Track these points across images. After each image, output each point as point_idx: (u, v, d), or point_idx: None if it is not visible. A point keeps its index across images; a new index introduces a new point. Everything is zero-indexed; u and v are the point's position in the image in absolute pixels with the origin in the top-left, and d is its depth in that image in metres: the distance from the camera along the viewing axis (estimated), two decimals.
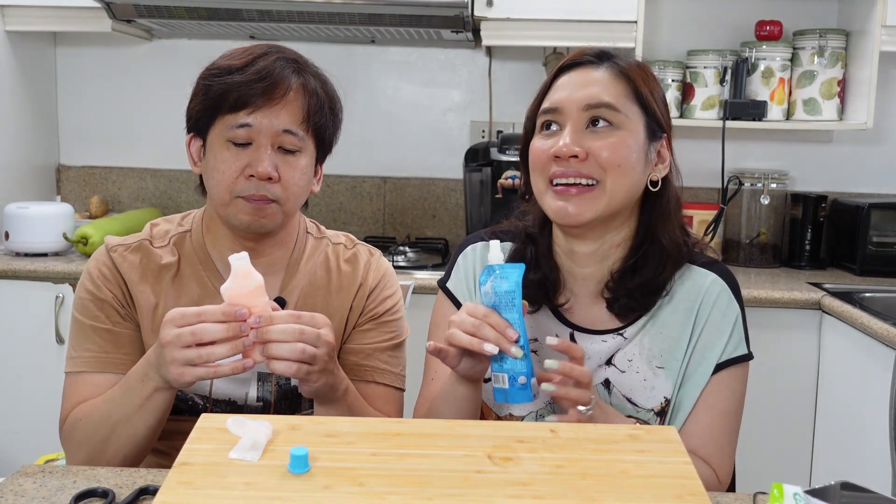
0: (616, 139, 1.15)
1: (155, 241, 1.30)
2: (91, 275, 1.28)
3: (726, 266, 1.27)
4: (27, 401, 2.41)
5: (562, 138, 1.15)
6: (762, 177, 2.75)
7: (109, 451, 1.17)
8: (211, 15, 2.52)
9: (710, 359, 1.20)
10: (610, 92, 1.16)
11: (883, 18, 2.50)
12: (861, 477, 1.21)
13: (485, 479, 0.85)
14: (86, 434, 1.18)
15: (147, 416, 1.15)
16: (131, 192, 3.04)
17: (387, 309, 1.34)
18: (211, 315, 1.05)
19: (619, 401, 1.21)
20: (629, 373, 1.21)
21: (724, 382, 1.21)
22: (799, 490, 0.91)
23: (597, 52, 1.21)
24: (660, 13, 2.84)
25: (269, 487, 0.82)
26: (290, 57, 1.25)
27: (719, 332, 1.21)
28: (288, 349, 1.07)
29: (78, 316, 1.27)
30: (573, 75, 1.19)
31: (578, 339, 1.22)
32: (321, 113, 1.25)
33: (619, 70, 1.18)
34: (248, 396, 1.29)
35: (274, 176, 1.20)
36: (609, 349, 1.21)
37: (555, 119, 1.18)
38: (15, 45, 2.75)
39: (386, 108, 3.00)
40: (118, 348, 1.25)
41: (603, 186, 1.15)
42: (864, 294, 2.34)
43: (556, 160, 1.15)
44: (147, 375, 1.13)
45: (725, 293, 1.22)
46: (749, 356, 1.23)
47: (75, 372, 1.25)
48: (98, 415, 1.18)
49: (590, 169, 1.14)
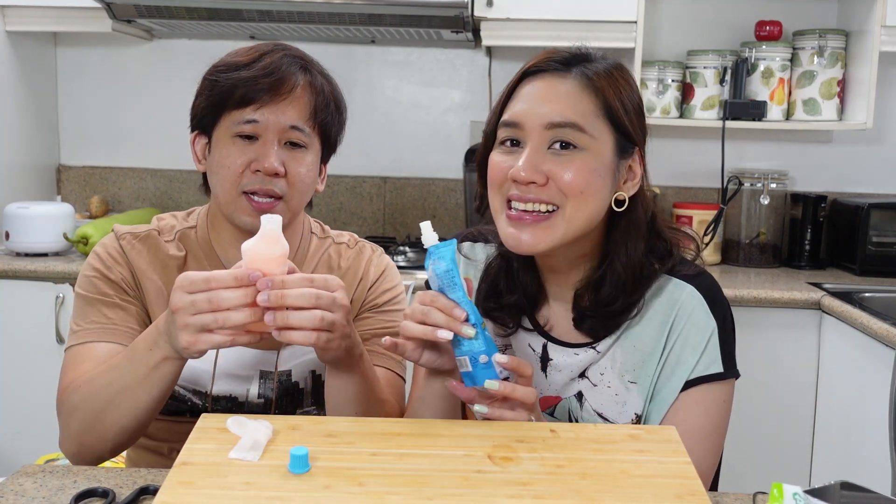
0: (579, 163, 1.06)
1: (163, 234, 1.30)
2: (100, 256, 1.26)
3: (711, 279, 1.18)
4: (27, 401, 2.41)
5: (521, 158, 1.07)
6: (762, 177, 2.76)
7: (107, 421, 1.11)
8: (211, 15, 2.53)
9: (680, 374, 1.13)
10: (576, 109, 1.07)
11: (883, 18, 2.50)
12: (861, 477, 1.21)
13: (485, 479, 0.85)
14: (84, 399, 1.13)
15: (151, 387, 1.09)
16: (131, 192, 3.04)
17: (387, 300, 1.34)
18: (221, 281, 0.99)
19: (589, 415, 1.16)
20: (601, 387, 1.16)
21: (693, 400, 1.12)
22: (799, 490, 0.91)
23: (564, 57, 1.11)
24: (660, 13, 2.84)
25: (269, 487, 0.82)
26: (296, 55, 1.25)
27: (692, 347, 1.13)
28: (307, 317, 1.00)
29: (84, 293, 1.24)
30: (537, 85, 1.10)
31: (551, 350, 1.18)
32: (327, 110, 1.25)
33: (587, 82, 1.09)
34: (249, 393, 1.28)
35: (280, 171, 1.20)
36: (581, 362, 1.17)
37: (515, 135, 1.10)
38: (15, 45, 2.75)
39: (386, 108, 3.00)
40: (125, 321, 1.22)
41: (562, 213, 1.07)
42: (864, 294, 2.34)
43: (514, 182, 1.08)
44: (156, 343, 1.07)
45: (701, 307, 1.14)
46: (726, 375, 1.14)
47: (78, 344, 1.21)
48: (100, 381, 1.12)
49: (549, 195, 1.07)
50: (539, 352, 1.19)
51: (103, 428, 1.12)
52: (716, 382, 1.13)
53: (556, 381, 1.18)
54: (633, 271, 1.13)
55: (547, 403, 1.19)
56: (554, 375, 1.18)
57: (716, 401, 1.14)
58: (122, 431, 1.12)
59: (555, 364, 1.18)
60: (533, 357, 1.19)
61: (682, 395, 1.13)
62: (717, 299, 1.15)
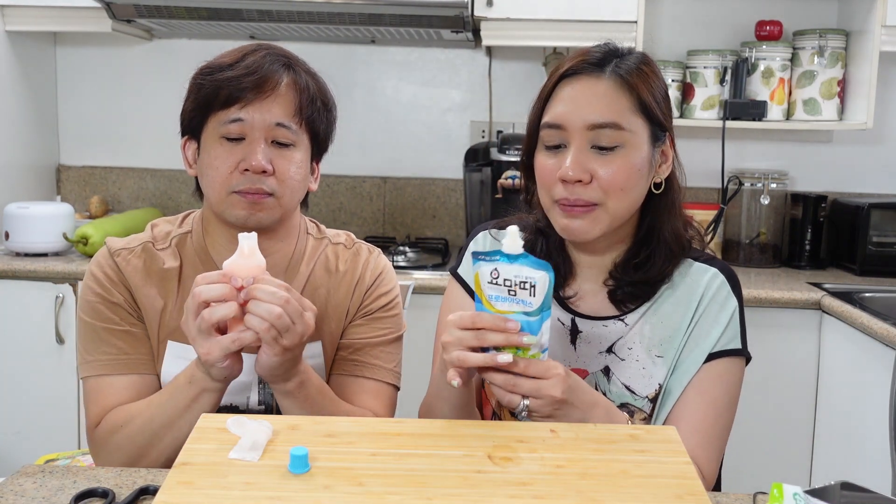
0: (621, 161, 1.15)
1: (157, 243, 1.30)
2: (97, 278, 1.27)
3: (728, 264, 1.29)
4: (27, 401, 2.41)
5: (566, 159, 1.15)
6: (762, 177, 2.75)
7: (151, 456, 1.16)
8: (211, 15, 2.53)
9: (704, 347, 1.20)
10: (614, 108, 1.15)
11: (883, 18, 2.50)
12: (861, 477, 1.21)
13: (485, 479, 0.85)
14: (127, 439, 1.17)
15: (192, 419, 1.10)
16: (131, 192, 3.04)
17: (382, 305, 1.34)
18: (207, 278, 1.08)
19: (617, 388, 1.22)
20: (629, 361, 1.22)
21: (715, 372, 1.20)
22: (799, 490, 0.91)
23: (597, 58, 1.19)
24: (660, 13, 2.84)
25: (269, 487, 0.82)
26: (280, 53, 1.26)
27: (715, 322, 1.21)
28: (266, 309, 1.05)
29: (88, 320, 1.26)
30: (575, 87, 1.18)
31: (580, 323, 1.24)
32: (313, 107, 1.25)
33: (622, 80, 1.17)
34: (249, 401, 1.28)
35: (269, 169, 1.20)
36: (610, 334, 1.23)
37: (559, 136, 1.17)
38: (15, 45, 2.75)
39: (386, 108, 3.00)
40: (136, 348, 1.25)
41: (605, 208, 1.16)
42: (864, 294, 2.34)
43: (561, 182, 1.16)
44: (193, 377, 1.13)
45: (725, 287, 1.24)
46: (743, 352, 1.23)
47: (95, 376, 1.24)
48: (141, 420, 1.17)
49: (591, 194, 1.15)
50: (568, 325, 1.25)
51: (148, 462, 1.17)
52: (735, 358, 1.22)
53: (585, 353, 1.24)
54: (677, 236, 1.24)
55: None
56: (583, 348, 1.24)
57: (735, 376, 1.22)
58: (166, 461, 1.16)
59: (584, 336, 1.24)
60: (562, 331, 1.25)
61: (705, 366, 1.20)
62: (737, 283, 1.26)
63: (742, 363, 1.24)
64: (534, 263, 0.98)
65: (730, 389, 1.22)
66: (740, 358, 1.23)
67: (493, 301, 1.00)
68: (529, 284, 0.98)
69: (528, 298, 0.98)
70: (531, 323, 0.99)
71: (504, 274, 0.99)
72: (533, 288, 0.98)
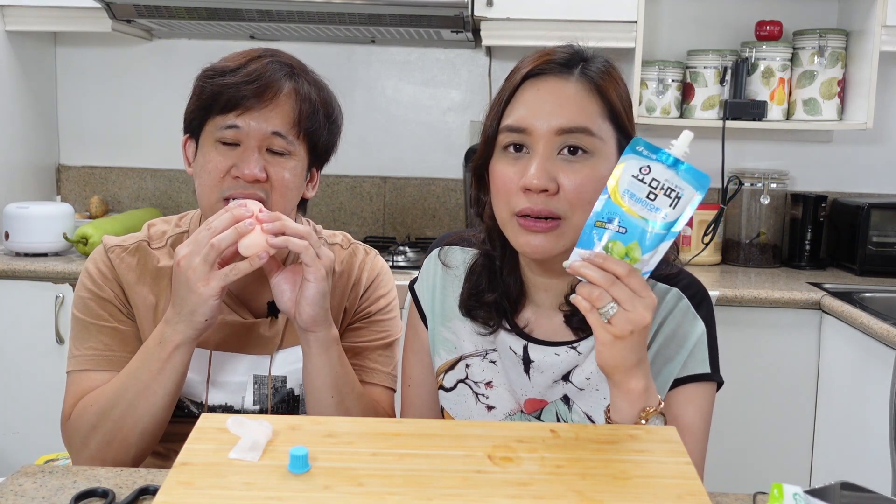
0: (589, 171, 1.05)
1: (153, 242, 1.30)
2: (91, 274, 1.27)
3: (690, 276, 1.17)
4: (27, 401, 2.41)
5: (532, 166, 1.04)
6: (762, 177, 2.76)
7: (126, 427, 1.15)
8: (211, 15, 2.53)
9: (667, 373, 1.12)
10: (584, 113, 1.06)
11: (883, 18, 2.50)
12: (861, 477, 1.21)
13: (485, 479, 0.85)
14: (100, 414, 1.16)
15: (166, 381, 1.14)
16: (131, 192, 3.04)
17: (380, 308, 1.35)
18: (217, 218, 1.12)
19: (579, 417, 1.16)
20: (588, 390, 1.15)
21: (685, 398, 1.13)
22: (799, 490, 0.91)
23: (564, 58, 1.09)
24: (660, 13, 2.84)
25: (269, 487, 0.82)
26: (284, 61, 1.24)
27: (680, 347, 1.13)
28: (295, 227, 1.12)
29: (80, 315, 1.26)
30: (541, 89, 1.07)
31: (531, 351, 1.16)
32: (314, 118, 1.24)
33: (591, 84, 1.07)
34: (244, 401, 1.28)
35: (261, 177, 1.19)
36: (563, 363, 1.15)
37: (521, 141, 1.07)
38: (15, 45, 2.75)
39: (386, 108, 3.00)
40: (123, 346, 1.25)
41: (569, 222, 1.06)
42: (864, 294, 2.34)
43: (525, 192, 1.05)
44: (163, 336, 1.14)
45: (688, 309, 1.14)
46: (713, 377, 1.14)
47: (78, 370, 1.25)
48: (112, 392, 1.16)
49: (555, 205, 1.05)
50: (520, 353, 1.17)
51: (124, 436, 1.15)
52: (704, 383, 1.14)
53: (539, 383, 1.17)
54: None
55: (533, 406, 1.18)
56: (537, 377, 1.16)
57: (706, 401, 1.15)
58: (143, 434, 1.16)
59: (536, 365, 1.16)
60: (515, 359, 1.17)
61: (671, 393, 1.13)
62: (703, 301, 1.16)
63: (713, 388, 1.15)
64: (693, 176, 0.91)
65: (703, 413, 1.13)
66: (710, 383, 1.14)
67: (625, 197, 0.92)
68: (676, 195, 0.90)
69: (665, 208, 0.91)
70: (655, 235, 0.91)
71: (655, 174, 0.91)
72: (677, 200, 0.90)
